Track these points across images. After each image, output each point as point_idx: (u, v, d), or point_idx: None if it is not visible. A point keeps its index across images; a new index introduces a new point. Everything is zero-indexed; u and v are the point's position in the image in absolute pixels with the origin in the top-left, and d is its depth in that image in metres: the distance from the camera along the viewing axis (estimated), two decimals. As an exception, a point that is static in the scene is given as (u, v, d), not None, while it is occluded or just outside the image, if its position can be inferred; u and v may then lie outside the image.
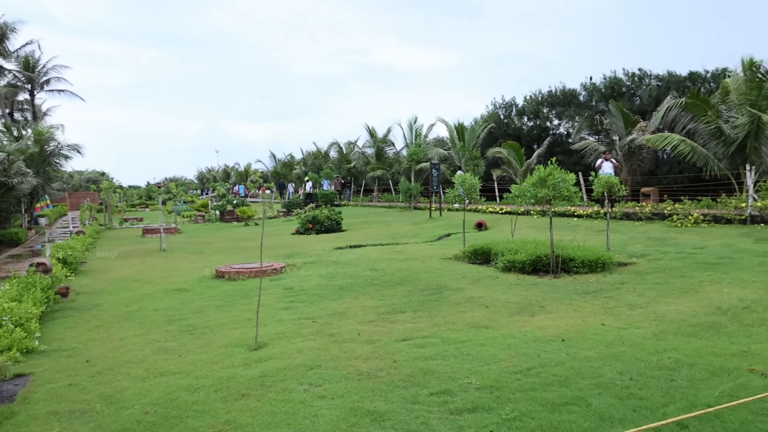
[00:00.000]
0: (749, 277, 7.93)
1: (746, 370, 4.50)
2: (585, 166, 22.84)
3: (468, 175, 12.82)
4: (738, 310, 6.27)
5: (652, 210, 16.00)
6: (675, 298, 7.14)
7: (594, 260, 9.10)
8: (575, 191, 9.28)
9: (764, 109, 17.46)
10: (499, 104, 34.08)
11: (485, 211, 21.44)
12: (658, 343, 5.34)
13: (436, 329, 6.24)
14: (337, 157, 44.31)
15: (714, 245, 10.79)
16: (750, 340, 5.25)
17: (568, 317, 6.49)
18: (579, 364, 4.82)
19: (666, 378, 4.44)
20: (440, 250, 12.62)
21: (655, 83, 27.10)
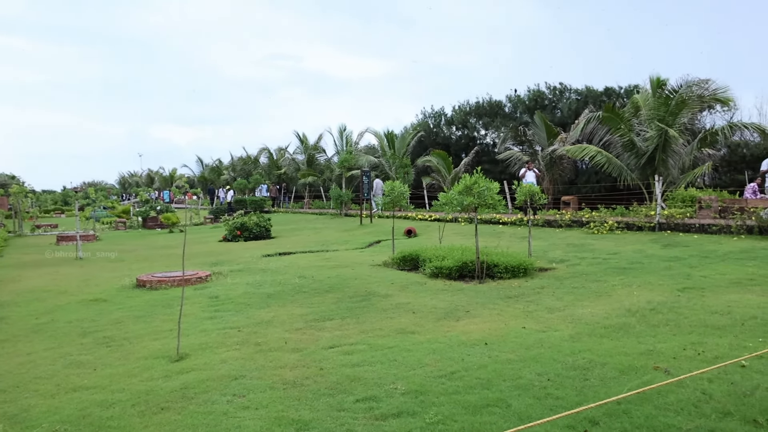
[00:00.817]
0: (656, 280, 8.48)
1: (652, 368, 4.80)
2: (510, 175, 23.68)
3: (398, 182, 12.99)
4: (646, 312, 6.69)
5: (572, 218, 16.79)
6: (590, 301, 7.52)
7: (517, 266, 9.45)
8: (499, 199, 9.61)
9: (671, 123, 18.76)
10: (428, 113, 34.79)
11: (415, 218, 21.78)
12: (574, 344, 5.61)
13: (363, 336, 6.26)
14: (268, 163, 43.66)
15: (626, 251, 11.46)
16: (655, 340, 5.61)
17: (491, 321, 6.69)
18: (500, 367, 4.98)
19: (580, 377, 4.66)
20: (370, 257, 12.69)
21: (574, 97, 28.53)
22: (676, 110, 19.06)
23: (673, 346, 5.39)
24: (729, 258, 10.00)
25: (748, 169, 23.04)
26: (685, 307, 6.85)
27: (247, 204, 31.12)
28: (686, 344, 5.41)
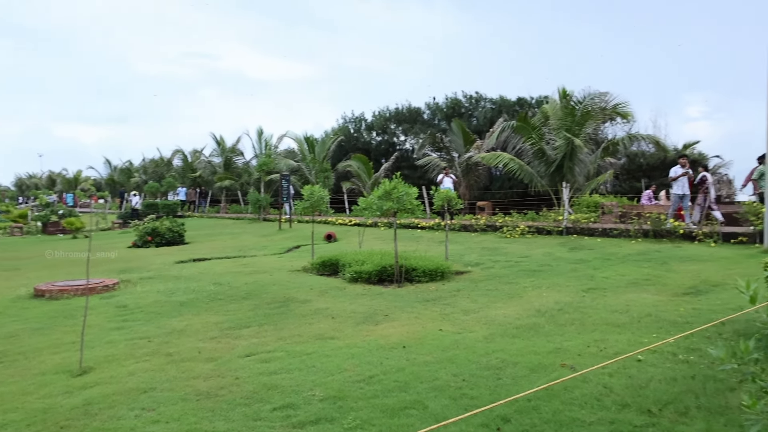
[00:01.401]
0: (564, 282, 8.95)
1: (559, 365, 5.06)
2: (428, 180, 24.22)
3: (317, 187, 12.91)
4: (554, 312, 7.05)
5: (486, 222, 17.39)
6: (503, 302, 7.82)
7: (434, 269, 9.65)
8: (418, 204, 9.79)
9: (577, 133, 19.91)
10: (349, 118, 34.89)
11: (335, 222, 21.74)
12: (488, 345, 5.80)
13: (281, 343, 6.17)
14: (182, 166, 42.03)
15: (537, 254, 12.02)
16: (563, 338, 5.92)
17: (409, 325, 6.79)
18: (418, 369, 5.07)
19: (494, 377, 4.83)
20: (289, 263, 12.52)
21: (489, 106, 29.63)
22: (581, 121, 20.26)
23: (578, 343, 5.70)
24: (628, 260, 10.73)
25: (645, 177, 24.87)
26: (589, 306, 7.27)
27: (159, 208, 29.77)
28: (590, 341, 5.74)
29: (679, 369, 4.85)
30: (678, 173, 14.04)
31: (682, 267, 9.67)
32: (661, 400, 4.18)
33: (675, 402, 4.14)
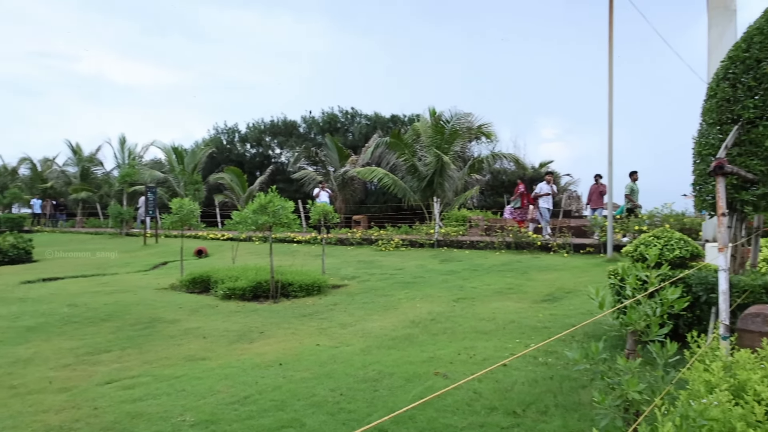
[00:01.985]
0: (436, 292, 9.32)
1: (433, 373, 5.24)
2: (304, 194, 24.10)
3: (187, 200, 12.30)
4: (427, 322, 7.30)
5: (362, 236, 17.65)
6: (379, 315, 7.95)
7: (311, 284, 9.59)
8: (294, 218, 9.69)
9: (446, 151, 20.96)
10: (222, 129, 33.76)
11: (206, 237, 20.82)
12: (365, 357, 5.85)
13: (147, 367, 5.75)
14: (30, 175, 37.93)
15: (410, 266, 12.41)
16: (435, 347, 6.14)
17: (286, 341, 6.66)
18: (295, 386, 4.98)
19: (371, 389, 4.88)
20: (155, 280, 11.76)
21: (365, 122, 30.25)
22: (450, 139, 21.38)
23: (450, 351, 5.95)
24: (493, 270, 11.44)
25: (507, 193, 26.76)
26: (460, 315, 7.63)
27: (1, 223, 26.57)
28: (461, 349, 6.02)
29: (540, 371, 5.23)
30: (544, 189, 15.27)
31: (540, 276, 10.50)
32: (524, 402, 4.48)
33: (536, 402, 4.46)
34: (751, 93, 4.99)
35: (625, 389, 2.61)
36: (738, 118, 5.07)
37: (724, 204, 4.03)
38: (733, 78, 5.10)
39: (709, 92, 5.34)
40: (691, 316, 5.46)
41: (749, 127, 5.06)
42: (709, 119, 5.28)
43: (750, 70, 5.00)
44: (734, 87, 5.09)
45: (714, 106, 5.22)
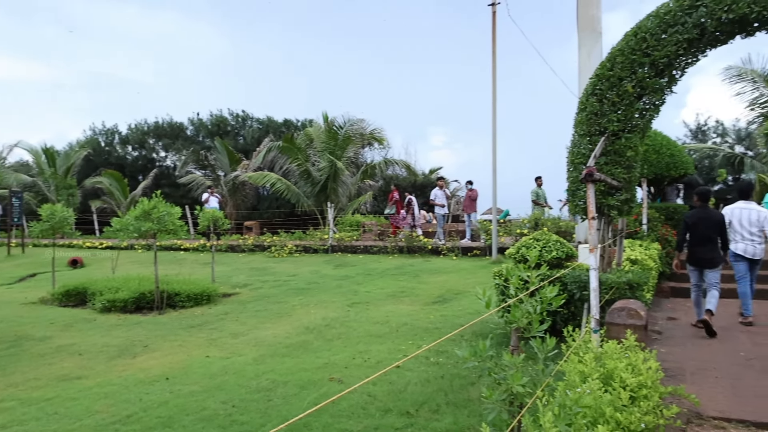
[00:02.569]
0: (330, 298, 9.31)
1: (328, 379, 5.23)
2: (192, 199, 23.07)
3: (59, 206, 11.32)
4: (322, 328, 7.27)
5: (254, 242, 17.22)
6: (273, 322, 7.80)
7: (200, 293, 9.20)
8: (181, 225, 9.25)
9: (339, 156, 21.05)
10: (99, 130, 31.41)
11: (82, 246, 19.28)
12: (258, 367, 5.71)
13: (12, 390, 5.21)
14: None
15: (304, 272, 12.30)
16: (330, 353, 6.14)
17: (173, 354, 6.34)
18: (183, 401, 4.75)
19: (264, 399, 4.77)
20: (22, 294, 10.69)
21: (257, 125, 29.56)
22: (343, 145, 21.50)
23: (345, 356, 5.97)
24: (386, 274, 11.64)
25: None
26: (354, 320, 7.68)
27: None
28: (355, 353, 6.06)
29: (431, 371, 5.40)
30: (438, 195, 15.69)
31: (431, 278, 10.85)
32: (417, 401, 4.60)
33: (429, 401, 4.59)
34: (615, 108, 5.51)
35: (510, 383, 2.77)
36: (604, 131, 5.57)
37: (594, 208, 4.41)
38: (599, 94, 5.60)
39: (579, 106, 5.83)
40: (567, 312, 5.90)
41: (614, 139, 5.58)
42: (580, 131, 5.76)
43: (614, 87, 5.52)
44: (601, 102, 5.59)
45: (584, 119, 5.70)
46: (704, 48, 5.38)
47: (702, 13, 5.09)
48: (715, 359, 5.56)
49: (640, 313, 4.75)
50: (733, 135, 26.70)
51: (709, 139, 27.72)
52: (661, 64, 5.34)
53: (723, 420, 4.07)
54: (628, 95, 5.43)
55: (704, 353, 5.79)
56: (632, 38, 5.45)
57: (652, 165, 11.30)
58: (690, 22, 5.14)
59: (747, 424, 4.01)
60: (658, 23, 5.31)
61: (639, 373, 3.65)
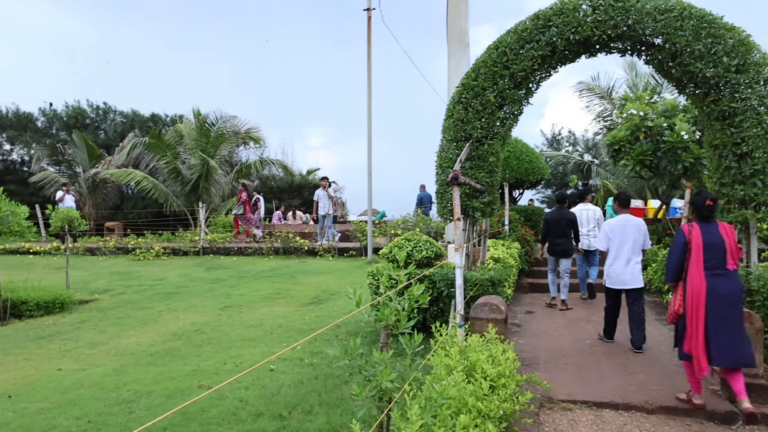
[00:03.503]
0: (201, 302, 8.94)
1: (197, 386, 5.01)
2: (44, 198, 20.95)
3: None
4: (191, 334, 6.96)
5: (116, 244, 16.04)
6: (137, 330, 7.32)
7: (51, 301, 8.39)
8: (29, 225, 8.37)
9: (212, 155, 20.26)
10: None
11: None
12: (118, 378, 5.34)
13: None
14: None
15: (173, 276, 11.68)
16: (200, 359, 5.89)
17: (17, 369, 5.72)
18: (29, 420, 4.30)
19: (125, 412, 4.47)
20: None
21: (120, 119, 27.52)
22: (216, 143, 20.72)
23: (215, 362, 5.76)
24: (261, 276, 11.40)
25: (275, 199, 26.93)
26: (226, 324, 7.44)
27: None
28: (227, 358, 5.87)
29: (305, 372, 5.39)
30: (320, 195, 15.52)
31: (307, 280, 10.81)
32: (290, 404, 4.56)
33: (302, 403, 4.58)
34: (479, 116, 5.88)
35: (379, 380, 2.85)
36: (469, 137, 5.91)
37: (459, 210, 4.67)
38: (465, 102, 5.94)
39: (447, 113, 6.13)
40: (436, 309, 6.19)
41: (477, 145, 5.94)
42: (448, 136, 6.06)
43: (478, 96, 5.88)
44: (466, 110, 5.93)
45: (451, 125, 6.01)
46: (556, 64, 5.91)
47: (553, 33, 5.59)
48: (565, 348, 6.13)
49: (500, 308, 5.10)
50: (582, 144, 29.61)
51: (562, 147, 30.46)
52: (519, 77, 5.79)
53: (570, 402, 4.50)
54: (491, 104, 5.82)
55: (556, 343, 6.35)
56: (494, 51, 5.85)
57: (513, 170, 12.20)
58: (543, 40, 5.63)
59: (590, 404, 4.47)
60: (517, 39, 5.74)
61: (499, 363, 3.93)
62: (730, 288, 4.20)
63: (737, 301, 4.20)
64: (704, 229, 4.33)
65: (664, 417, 4.27)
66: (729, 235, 4.31)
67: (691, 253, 4.32)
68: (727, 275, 4.23)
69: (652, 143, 10.10)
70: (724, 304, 4.16)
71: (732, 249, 4.26)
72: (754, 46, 5.26)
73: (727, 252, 4.25)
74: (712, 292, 4.18)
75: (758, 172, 5.18)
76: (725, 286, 4.20)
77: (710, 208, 4.38)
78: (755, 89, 5.15)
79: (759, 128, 5.11)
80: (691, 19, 5.30)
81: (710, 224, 4.37)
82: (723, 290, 4.18)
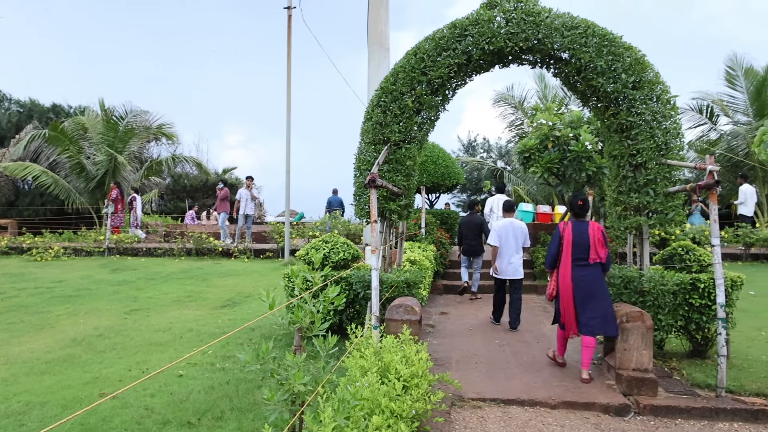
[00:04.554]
0: (104, 305, 8.44)
1: (98, 395, 4.73)
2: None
3: None
4: (93, 339, 6.55)
5: (10, 244, 14.83)
6: (30, 336, 6.80)
7: (-69, 305, 7.62)
8: None
9: (120, 150, 19.22)
10: None
11: None
12: (7, 388, 4.93)
13: None
14: None
15: (74, 278, 10.95)
16: (102, 366, 5.56)
17: None
18: None
19: (15, 425, 4.14)
20: None
21: (16, 109, 25.46)
22: (125, 138, 19.67)
23: (119, 369, 5.46)
24: (172, 278, 10.94)
25: (189, 198, 25.96)
26: (132, 329, 7.07)
27: None
28: (132, 365, 5.58)
29: (217, 377, 5.22)
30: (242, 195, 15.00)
31: (221, 282, 10.49)
32: (200, 410, 4.40)
33: (212, 409, 4.43)
34: (397, 120, 5.96)
35: (291, 383, 2.81)
36: (388, 140, 5.98)
37: (376, 212, 4.71)
38: (384, 105, 6.01)
39: (366, 116, 6.17)
40: (353, 311, 6.20)
41: (395, 148, 6.02)
42: (367, 139, 6.10)
43: (396, 100, 5.96)
44: (385, 113, 5.99)
45: (370, 128, 6.06)
46: (471, 73, 6.11)
47: (469, 42, 5.78)
48: (476, 347, 6.33)
49: (415, 309, 5.19)
50: (496, 151, 30.77)
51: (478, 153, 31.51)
52: (436, 83, 5.93)
53: (480, 400, 4.66)
54: (409, 109, 5.92)
55: (468, 342, 6.55)
56: (413, 57, 5.96)
57: (431, 174, 12.47)
58: (460, 48, 5.80)
59: (498, 401, 4.64)
60: (434, 46, 5.88)
61: (412, 364, 3.99)
62: (590, 276, 5.14)
63: (598, 286, 5.12)
64: (575, 228, 5.25)
65: (565, 411, 4.52)
66: (595, 233, 5.18)
67: (563, 247, 5.27)
68: (589, 266, 5.17)
69: (560, 152, 10.66)
70: (586, 288, 5.12)
71: (595, 245, 5.15)
72: (648, 65, 5.69)
73: (591, 248, 5.15)
74: (576, 279, 5.16)
75: (651, 181, 5.60)
76: (587, 274, 5.15)
77: (581, 207, 5.30)
78: (649, 105, 5.57)
79: (651, 141, 5.54)
80: (594, 37, 5.66)
81: (582, 223, 5.27)
82: (585, 277, 5.14)
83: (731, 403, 4.50)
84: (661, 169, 5.58)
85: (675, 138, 5.60)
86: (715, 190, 4.80)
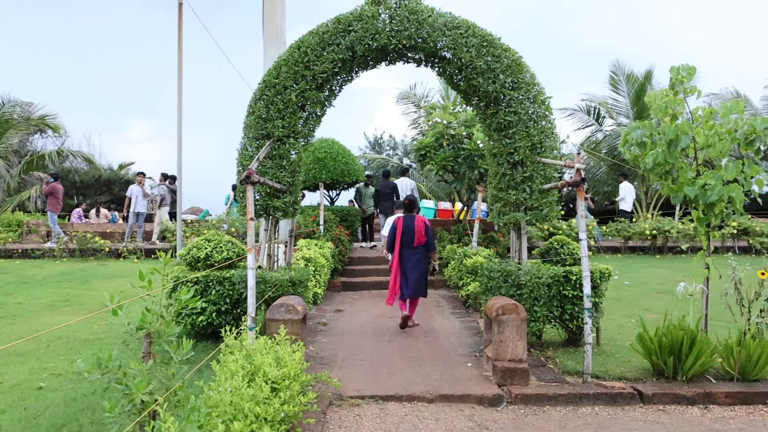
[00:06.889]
0: (-37, 314, 7.62)
1: (-65, 415, 4.23)
2: None
3: None
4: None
5: None
6: None
7: None
8: None
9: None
10: None
11: None
12: None
13: None
14: None
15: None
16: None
17: None
18: None
19: None
20: None
21: None
22: (1, 130, 18.01)
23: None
24: (48, 281, 10.11)
25: (79, 195, 24.23)
26: (-8, 338, 6.42)
27: None
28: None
29: (82, 388, 4.84)
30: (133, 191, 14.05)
31: (104, 284, 9.82)
32: (55, 425, 4.06)
33: (70, 423, 4.10)
34: (281, 114, 5.80)
35: (134, 392, 2.63)
36: (271, 135, 5.81)
37: (253, 209, 4.55)
38: (266, 100, 5.82)
39: (249, 110, 5.96)
40: (240, 311, 5.98)
41: (279, 144, 5.87)
42: (249, 134, 5.90)
43: (279, 94, 5.80)
44: (268, 108, 5.81)
45: (253, 123, 5.86)
46: (357, 69, 6.08)
47: (354, 38, 5.73)
48: (364, 344, 6.33)
49: (297, 308, 5.08)
50: (401, 148, 31.22)
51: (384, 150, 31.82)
52: (321, 79, 5.83)
53: (359, 398, 4.63)
54: (292, 104, 5.78)
55: (357, 340, 6.53)
56: (296, 51, 5.82)
57: (330, 171, 12.38)
58: (344, 44, 5.74)
59: (376, 398, 4.64)
60: (318, 41, 5.78)
61: (285, 365, 3.89)
62: (413, 255, 6.99)
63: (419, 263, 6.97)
64: (406, 220, 7.08)
65: (441, 405, 4.60)
66: (419, 225, 7.00)
67: (397, 234, 7.03)
68: (413, 249, 7.01)
69: (454, 150, 10.94)
70: (409, 265, 6.96)
71: (419, 234, 6.96)
72: (525, 66, 5.91)
73: (415, 235, 6.96)
74: (403, 258, 7.01)
75: (527, 179, 5.83)
76: (411, 254, 7.00)
77: (408, 205, 7.17)
78: (525, 105, 5.80)
79: (527, 140, 5.77)
80: (474, 37, 5.80)
81: (409, 217, 7.11)
82: (410, 257, 7.00)
83: (594, 388, 4.77)
84: (537, 167, 5.82)
85: (549, 137, 5.87)
86: (582, 187, 5.06)
